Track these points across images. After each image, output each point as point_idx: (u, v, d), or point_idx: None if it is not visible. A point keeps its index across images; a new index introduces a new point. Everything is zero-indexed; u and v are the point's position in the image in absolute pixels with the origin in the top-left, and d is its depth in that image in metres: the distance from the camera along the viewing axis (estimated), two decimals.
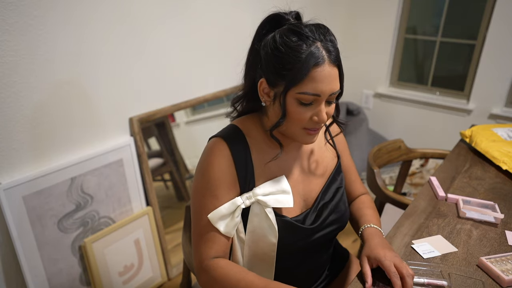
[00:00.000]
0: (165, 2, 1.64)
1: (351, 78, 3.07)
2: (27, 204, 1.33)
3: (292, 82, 0.73)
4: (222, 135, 0.85)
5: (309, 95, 0.74)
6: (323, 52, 0.73)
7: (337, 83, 0.76)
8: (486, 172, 1.33)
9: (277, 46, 0.75)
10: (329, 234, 0.92)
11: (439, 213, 1.08)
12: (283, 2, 0.87)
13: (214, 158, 0.82)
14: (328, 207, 0.91)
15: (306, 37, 0.73)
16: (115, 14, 1.47)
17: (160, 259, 1.83)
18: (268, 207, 0.82)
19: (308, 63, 0.72)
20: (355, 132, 2.79)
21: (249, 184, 0.84)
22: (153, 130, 1.81)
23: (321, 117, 0.76)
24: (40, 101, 1.32)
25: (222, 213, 0.80)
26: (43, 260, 1.40)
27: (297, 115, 0.76)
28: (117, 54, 1.52)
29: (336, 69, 0.75)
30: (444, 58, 2.68)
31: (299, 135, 0.80)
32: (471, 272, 0.85)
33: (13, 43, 1.20)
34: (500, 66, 2.36)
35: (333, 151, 0.99)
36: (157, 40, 1.65)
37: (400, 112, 2.88)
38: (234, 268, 0.78)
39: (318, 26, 0.77)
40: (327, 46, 0.74)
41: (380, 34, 2.80)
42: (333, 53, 0.75)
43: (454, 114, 2.63)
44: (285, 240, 0.84)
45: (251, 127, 0.87)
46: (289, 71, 0.73)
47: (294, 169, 0.90)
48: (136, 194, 1.72)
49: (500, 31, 2.31)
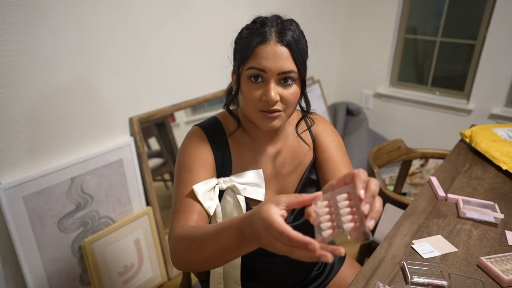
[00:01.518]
0: (166, 2, 1.64)
1: (351, 78, 3.07)
2: (27, 204, 1.33)
3: (241, 60, 0.79)
4: (201, 125, 0.90)
5: (255, 69, 0.77)
6: (272, 33, 0.77)
7: (286, 63, 0.77)
8: (486, 172, 1.33)
9: (237, 36, 0.83)
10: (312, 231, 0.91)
11: (439, 213, 1.08)
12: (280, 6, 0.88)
13: (191, 140, 0.87)
14: None
15: (260, 23, 0.80)
16: (116, 14, 1.46)
17: (160, 259, 1.83)
18: (240, 195, 0.85)
19: (253, 41, 0.77)
20: (355, 132, 2.79)
21: (225, 172, 0.88)
22: (153, 130, 1.81)
23: (269, 96, 0.76)
24: (40, 101, 1.32)
25: (200, 187, 0.80)
26: (43, 260, 1.40)
27: (248, 94, 0.79)
28: (117, 54, 1.51)
29: (285, 49, 0.77)
30: (444, 58, 2.68)
31: (257, 118, 0.81)
32: (471, 272, 0.85)
33: (13, 43, 1.20)
34: (500, 66, 2.36)
35: (310, 146, 0.95)
36: (157, 40, 1.65)
37: (400, 112, 2.88)
38: (193, 227, 0.73)
39: (277, 17, 0.81)
40: (279, 29, 0.78)
41: (380, 34, 2.80)
42: (285, 36, 0.77)
43: (454, 114, 2.63)
44: None
45: (230, 119, 0.91)
46: (240, 51, 0.80)
47: (268, 164, 0.91)
48: (136, 194, 1.71)
49: (500, 31, 2.31)
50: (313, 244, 0.48)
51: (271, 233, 0.52)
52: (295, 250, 0.51)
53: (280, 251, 0.53)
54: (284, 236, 0.50)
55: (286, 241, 0.51)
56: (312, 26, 2.60)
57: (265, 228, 0.53)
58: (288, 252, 0.52)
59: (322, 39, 2.81)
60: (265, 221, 0.53)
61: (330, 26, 2.85)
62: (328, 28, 2.83)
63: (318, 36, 2.73)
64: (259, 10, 0.94)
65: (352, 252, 1.97)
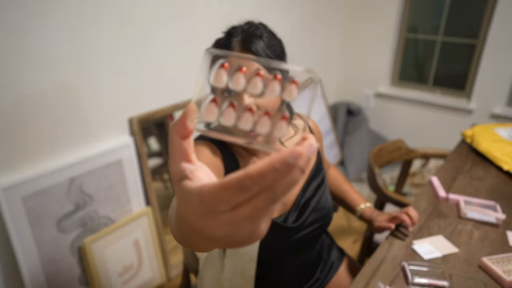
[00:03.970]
0: (166, 3, 1.63)
1: (351, 78, 3.07)
2: (26, 204, 1.32)
3: None
4: (208, 139, 0.86)
5: None
6: (236, 44, 0.77)
7: None
8: (487, 173, 1.32)
9: None
10: (313, 233, 0.91)
11: (440, 214, 1.07)
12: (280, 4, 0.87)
13: (199, 146, 0.83)
14: (309, 205, 0.91)
15: (226, 34, 0.79)
16: (116, 14, 1.46)
17: (160, 260, 1.82)
18: None
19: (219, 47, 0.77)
20: (355, 132, 2.79)
21: None
22: (152, 130, 1.81)
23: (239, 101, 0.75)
24: (40, 101, 1.31)
25: None
26: (42, 261, 1.39)
27: None
28: (117, 54, 1.51)
29: (249, 55, 0.75)
30: (445, 58, 2.67)
31: None
32: (473, 273, 0.84)
33: (14, 43, 1.20)
34: (502, 65, 2.35)
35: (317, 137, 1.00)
36: (157, 40, 1.65)
37: (401, 111, 2.87)
38: None
39: (246, 24, 0.81)
40: (244, 38, 0.77)
41: (381, 33, 2.79)
42: (250, 44, 0.76)
43: (455, 114, 2.62)
44: (266, 240, 0.83)
45: None
46: None
47: None
48: (136, 194, 1.71)
49: (501, 30, 2.30)
50: (296, 151, 0.26)
51: (205, 202, 0.28)
52: (263, 194, 0.27)
53: (231, 224, 0.28)
54: (233, 185, 0.26)
55: (241, 189, 0.26)
56: (313, 25, 2.60)
57: (195, 206, 0.29)
58: (248, 213, 0.27)
59: (323, 38, 2.80)
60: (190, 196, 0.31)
61: (330, 25, 2.84)
62: (328, 27, 2.82)
63: (319, 36, 2.73)
64: (260, 11, 0.93)
65: (354, 252, 1.96)
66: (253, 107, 0.35)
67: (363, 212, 1.06)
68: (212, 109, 0.35)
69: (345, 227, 2.25)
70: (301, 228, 0.88)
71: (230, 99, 0.36)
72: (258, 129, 0.35)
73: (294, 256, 0.92)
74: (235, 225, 0.28)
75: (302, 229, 0.88)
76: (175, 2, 1.68)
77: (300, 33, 2.51)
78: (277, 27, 0.89)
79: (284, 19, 2.32)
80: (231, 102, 0.35)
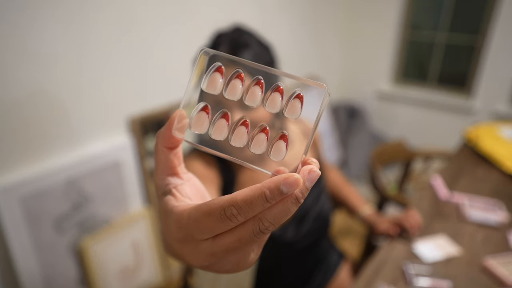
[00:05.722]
0: (166, 2, 1.63)
1: (352, 77, 3.05)
2: (24, 205, 1.31)
3: None
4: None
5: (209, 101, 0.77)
6: (223, 49, 0.76)
7: None
8: (490, 173, 1.30)
9: None
10: (312, 240, 0.91)
11: (442, 214, 1.06)
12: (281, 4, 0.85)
13: (191, 157, 0.81)
14: (310, 215, 0.89)
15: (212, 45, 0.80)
16: (116, 13, 1.45)
17: (159, 261, 1.81)
18: None
19: None
20: (356, 131, 2.77)
21: (230, 188, 0.83)
22: (152, 129, 1.80)
23: None
24: (38, 101, 1.30)
25: None
26: (39, 262, 1.38)
27: None
28: (116, 53, 1.50)
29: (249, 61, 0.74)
30: (448, 56, 2.65)
31: None
32: (475, 274, 0.82)
33: (13, 43, 1.19)
34: (505, 64, 2.33)
35: None
36: (157, 39, 1.64)
37: (403, 111, 2.85)
38: None
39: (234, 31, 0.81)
40: (229, 48, 0.76)
41: (382, 32, 2.77)
42: (237, 52, 0.75)
43: (458, 113, 2.60)
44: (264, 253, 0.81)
45: None
46: None
47: None
48: (135, 195, 1.70)
49: (504, 28, 2.28)
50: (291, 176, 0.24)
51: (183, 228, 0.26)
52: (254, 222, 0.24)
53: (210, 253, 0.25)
54: (216, 212, 0.24)
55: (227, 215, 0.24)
56: (314, 24, 2.58)
57: (174, 228, 0.27)
58: (232, 243, 0.24)
59: (323, 37, 2.79)
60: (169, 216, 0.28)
61: (331, 23, 2.83)
62: (329, 25, 2.81)
63: (320, 34, 2.71)
64: (261, 11, 0.92)
65: (353, 253, 1.94)
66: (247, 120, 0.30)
67: (364, 215, 1.05)
68: (202, 119, 0.30)
69: (345, 227, 2.23)
70: (300, 239, 0.86)
71: (221, 108, 0.32)
72: (253, 149, 0.30)
73: (293, 263, 0.91)
74: (216, 256, 0.25)
75: (301, 239, 0.87)
76: (175, 2, 1.67)
77: (301, 32, 2.50)
78: (278, 26, 0.88)
79: (285, 18, 2.31)
80: (224, 113, 0.30)
